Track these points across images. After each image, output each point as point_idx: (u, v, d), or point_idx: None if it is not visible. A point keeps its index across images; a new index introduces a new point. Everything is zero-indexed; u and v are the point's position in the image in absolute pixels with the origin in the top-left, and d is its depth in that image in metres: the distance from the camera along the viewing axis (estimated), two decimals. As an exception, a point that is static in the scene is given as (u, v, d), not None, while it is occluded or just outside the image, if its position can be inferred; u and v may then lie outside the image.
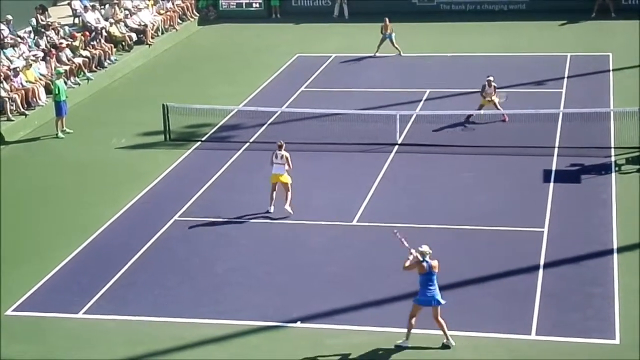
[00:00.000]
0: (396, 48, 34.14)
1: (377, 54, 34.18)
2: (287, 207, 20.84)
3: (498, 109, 26.28)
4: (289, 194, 20.89)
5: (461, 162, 23.79)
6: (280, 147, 21.02)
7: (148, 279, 18.48)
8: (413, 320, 15.59)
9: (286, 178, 20.87)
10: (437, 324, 15.58)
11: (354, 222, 20.66)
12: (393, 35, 34.13)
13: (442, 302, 15.54)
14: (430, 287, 15.45)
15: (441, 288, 17.55)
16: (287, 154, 20.87)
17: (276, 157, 20.96)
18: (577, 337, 15.81)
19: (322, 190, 22.36)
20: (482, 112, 26.25)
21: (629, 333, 15.83)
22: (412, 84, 30.68)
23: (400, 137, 25.36)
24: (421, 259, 15.47)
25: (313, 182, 22.93)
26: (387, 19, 34.17)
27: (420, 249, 15.55)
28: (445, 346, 15.63)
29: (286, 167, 20.83)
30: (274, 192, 21.03)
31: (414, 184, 22.67)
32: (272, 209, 20.98)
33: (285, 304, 17.29)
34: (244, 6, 42.58)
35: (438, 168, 23.57)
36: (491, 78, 26.44)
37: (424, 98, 29.09)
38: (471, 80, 29.66)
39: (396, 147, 24.93)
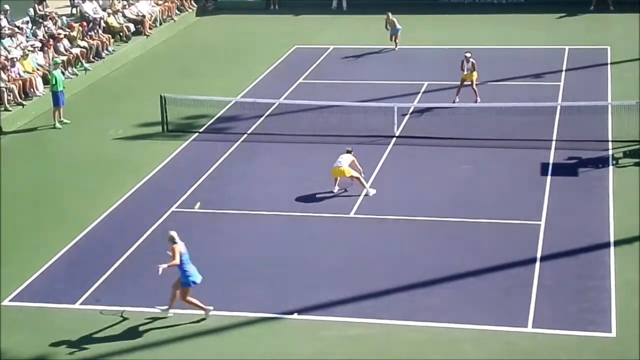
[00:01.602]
0: (395, 43, 33.96)
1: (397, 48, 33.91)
2: (368, 189, 21.41)
3: (474, 89, 26.88)
4: (361, 180, 21.33)
5: (459, 155, 23.78)
6: (348, 152, 21.62)
7: (145, 270, 18.47)
8: (193, 300, 16.24)
9: (348, 171, 21.18)
10: (182, 300, 16.21)
11: (352, 214, 20.67)
12: (399, 29, 33.71)
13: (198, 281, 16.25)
14: (191, 265, 16.14)
15: (438, 280, 17.68)
16: (354, 159, 21.44)
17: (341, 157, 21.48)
18: (574, 330, 15.83)
19: (319, 183, 22.34)
20: (477, 103, 26.33)
21: (625, 326, 15.86)
22: (410, 76, 30.65)
23: (398, 129, 25.36)
24: (175, 242, 16.04)
25: (311, 174, 22.93)
26: (389, 13, 33.85)
27: (170, 234, 16.17)
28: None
29: (352, 171, 21.27)
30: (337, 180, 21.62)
31: (411, 177, 22.67)
32: (335, 190, 21.59)
33: (283, 295, 17.30)
34: (242, -3, 42.51)
35: (435, 160, 23.56)
36: (468, 54, 26.96)
37: (422, 90, 29.08)
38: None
39: (394, 139, 24.92)
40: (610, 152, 23.59)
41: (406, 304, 16.91)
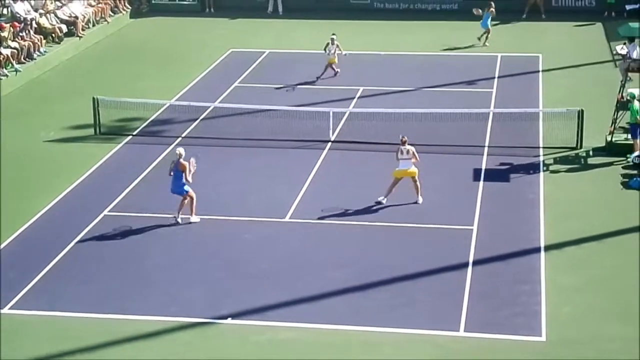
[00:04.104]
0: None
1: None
2: (420, 197, 21.12)
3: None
4: (418, 184, 21.08)
5: (393, 160, 23.86)
6: (404, 142, 20.99)
7: (76, 274, 18.23)
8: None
9: (414, 171, 20.98)
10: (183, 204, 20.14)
11: (287, 219, 20.65)
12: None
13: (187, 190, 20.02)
14: (181, 181, 20.07)
15: (372, 284, 17.73)
16: (413, 148, 20.90)
17: (401, 152, 20.95)
18: (505, 334, 16.01)
19: (255, 187, 22.30)
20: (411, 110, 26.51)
21: (554, 330, 16.10)
22: (345, 81, 30.76)
23: (333, 134, 25.42)
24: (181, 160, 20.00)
25: (246, 178, 22.88)
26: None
27: (177, 151, 20.34)
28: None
29: (413, 160, 20.91)
30: (394, 187, 21.07)
31: (346, 181, 22.73)
32: (385, 200, 21.10)
33: (216, 300, 17.21)
34: (177, -1, 42.24)
35: (370, 165, 23.66)
36: (334, 36, 29.92)
37: (357, 96, 29.20)
38: (404, 78, 29.94)
39: (329, 144, 24.98)
40: (541, 158, 23.95)
41: (340, 307, 16.94)
